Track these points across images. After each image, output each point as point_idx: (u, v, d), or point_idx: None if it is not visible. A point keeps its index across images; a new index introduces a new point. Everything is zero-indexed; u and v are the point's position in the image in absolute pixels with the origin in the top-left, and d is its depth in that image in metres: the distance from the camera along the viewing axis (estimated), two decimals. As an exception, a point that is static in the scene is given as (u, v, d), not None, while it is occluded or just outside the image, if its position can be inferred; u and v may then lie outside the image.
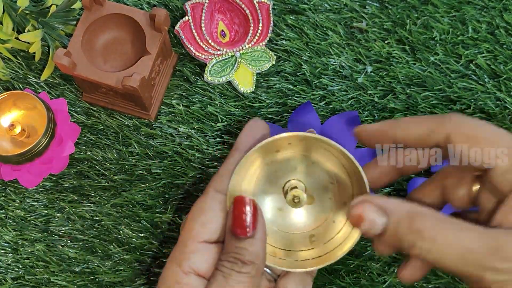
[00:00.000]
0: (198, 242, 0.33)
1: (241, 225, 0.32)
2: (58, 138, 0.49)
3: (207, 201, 0.33)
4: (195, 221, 0.33)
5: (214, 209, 0.33)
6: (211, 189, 0.34)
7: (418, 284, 0.49)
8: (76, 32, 0.48)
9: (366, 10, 0.56)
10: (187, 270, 0.32)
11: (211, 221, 0.33)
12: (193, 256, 0.32)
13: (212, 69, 0.52)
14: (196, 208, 0.34)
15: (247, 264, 0.32)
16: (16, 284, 0.50)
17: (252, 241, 0.32)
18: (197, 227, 0.33)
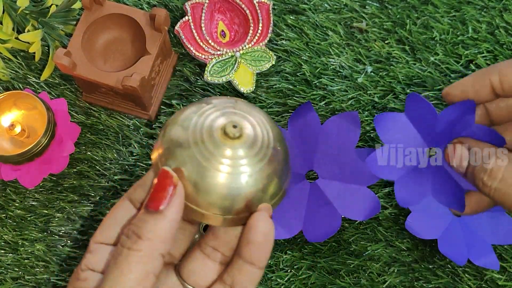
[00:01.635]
0: (95, 243, 0.33)
1: (155, 198, 0.30)
2: (58, 138, 0.49)
3: (115, 207, 0.33)
4: (100, 225, 0.33)
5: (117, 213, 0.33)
6: (124, 196, 0.34)
7: (419, 284, 0.49)
8: (76, 32, 0.48)
9: (366, 10, 0.56)
10: (83, 268, 0.32)
11: (112, 225, 0.33)
12: (88, 255, 0.32)
13: (212, 69, 0.52)
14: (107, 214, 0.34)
15: (142, 240, 0.30)
16: (16, 284, 0.50)
17: (158, 217, 0.30)
18: (98, 230, 0.33)
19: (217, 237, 0.33)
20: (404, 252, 0.50)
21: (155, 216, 0.30)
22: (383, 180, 0.51)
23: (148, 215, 0.30)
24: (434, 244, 0.50)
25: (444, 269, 0.50)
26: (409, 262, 0.50)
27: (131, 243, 0.29)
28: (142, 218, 0.30)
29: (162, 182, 0.30)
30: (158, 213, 0.30)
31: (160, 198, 0.30)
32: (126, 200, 0.33)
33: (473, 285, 0.49)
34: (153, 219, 0.30)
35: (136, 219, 0.30)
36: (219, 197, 0.31)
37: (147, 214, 0.30)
